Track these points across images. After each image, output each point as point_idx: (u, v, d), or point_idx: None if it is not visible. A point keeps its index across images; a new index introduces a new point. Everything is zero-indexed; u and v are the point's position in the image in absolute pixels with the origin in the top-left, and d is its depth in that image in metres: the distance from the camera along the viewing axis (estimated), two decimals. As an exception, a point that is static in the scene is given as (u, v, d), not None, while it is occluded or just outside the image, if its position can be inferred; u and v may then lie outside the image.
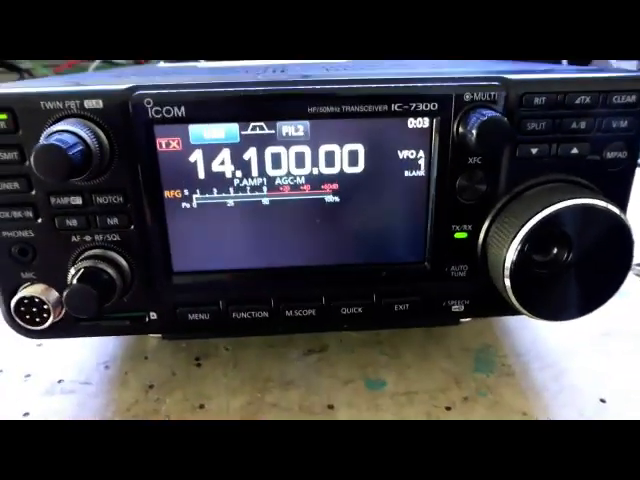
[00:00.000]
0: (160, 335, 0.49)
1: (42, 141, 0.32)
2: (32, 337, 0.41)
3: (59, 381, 0.47)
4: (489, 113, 0.35)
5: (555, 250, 0.38)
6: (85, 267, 0.36)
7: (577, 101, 0.37)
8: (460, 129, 0.37)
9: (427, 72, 0.38)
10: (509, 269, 0.38)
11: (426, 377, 0.48)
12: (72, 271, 0.37)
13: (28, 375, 0.48)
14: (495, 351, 0.51)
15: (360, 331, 0.52)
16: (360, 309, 0.42)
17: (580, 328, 0.53)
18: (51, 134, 0.33)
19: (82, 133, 0.34)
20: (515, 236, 0.37)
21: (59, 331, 0.40)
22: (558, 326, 0.53)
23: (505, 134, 0.35)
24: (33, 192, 0.37)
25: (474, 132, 0.35)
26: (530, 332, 0.54)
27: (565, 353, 0.51)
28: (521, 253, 0.37)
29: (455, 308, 0.43)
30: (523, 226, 0.37)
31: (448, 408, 0.45)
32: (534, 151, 0.38)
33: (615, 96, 0.37)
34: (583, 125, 0.38)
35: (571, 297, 0.38)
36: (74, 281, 0.35)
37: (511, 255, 0.37)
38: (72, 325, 0.40)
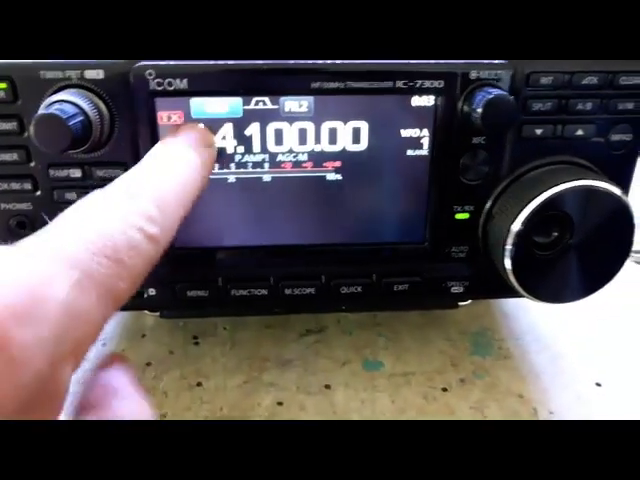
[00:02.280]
0: (158, 314, 0.48)
1: (41, 110, 0.32)
2: (29, 311, 0.41)
3: (56, 357, 0.47)
4: (495, 91, 0.35)
5: (556, 232, 0.38)
6: (84, 240, 0.36)
7: (584, 81, 0.37)
8: (465, 108, 0.37)
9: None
10: (510, 250, 0.37)
11: (423, 359, 0.48)
12: (71, 244, 0.36)
13: (25, 351, 0.48)
14: (492, 334, 0.51)
15: (359, 313, 0.52)
16: (360, 288, 0.42)
17: (578, 313, 0.53)
18: (51, 104, 0.33)
19: (82, 103, 0.33)
20: (516, 217, 0.37)
21: (57, 305, 0.40)
22: (556, 311, 0.54)
23: (510, 113, 0.35)
24: (32, 164, 0.36)
25: (479, 110, 0.35)
26: (528, 316, 0.54)
27: (562, 337, 0.51)
28: (522, 234, 0.37)
29: (455, 289, 0.43)
30: (525, 207, 0.37)
31: (445, 389, 0.45)
32: (539, 132, 0.38)
33: (622, 77, 0.37)
34: (589, 106, 0.37)
35: (571, 279, 0.38)
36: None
37: (512, 236, 0.37)
38: (70, 300, 0.40)
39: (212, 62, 0.35)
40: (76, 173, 0.36)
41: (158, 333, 0.51)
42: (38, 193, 0.37)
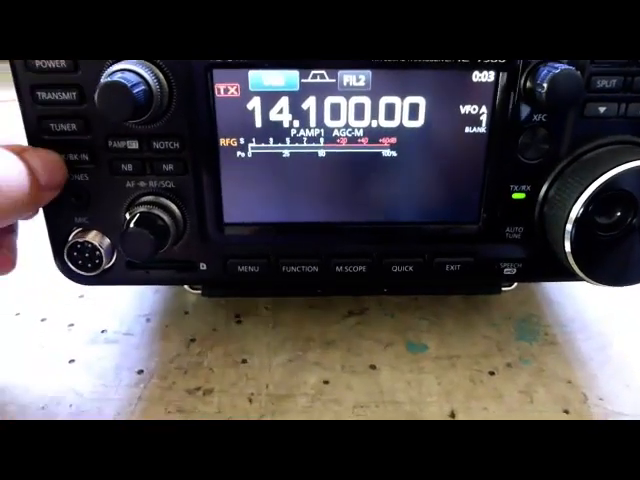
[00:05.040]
0: (200, 292, 0.48)
1: (106, 78, 0.32)
2: (82, 283, 0.41)
3: (102, 331, 0.48)
4: (561, 66, 0.34)
5: (619, 213, 0.37)
6: (141, 212, 0.36)
7: (651, 58, 0.36)
8: (528, 83, 0.36)
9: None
10: (570, 232, 0.37)
11: (467, 343, 0.48)
12: (127, 216, 0.37)
13: (72, 324, 0.48)
14: (538, 320, 0.51)
15: (400, 296, 0.52)
16: (411, 267, 0.41)
17: (625, 301, 0.52)
18: (113, 72, 0.32)
19: (144, 73, 0.33)
20: (578, 197, 0.36)
21: (109, 278, 0.40)
22: (603, 297, 0.53)
23: (578, 88, 0.34)
24: (90, 135, 0.36)
25: (545, 86, 0.34)
26: (574, 302, 0.53)
27: (610, 325, 0.50)
28: (584, 215, 0.36)
29: (507, 271, 0.42)
30: (587, 187, 0.36)
31: (492, 373, 0.44)
32: (602, 110, 0.37)
33: (692, 54, 0.36)
34: (655, 84, 0.36)
35: (635, 261, 0.37)
36: (131, 225, 0.35)
37: (573, 217, 0.36)
38: (122, 273, 0.40)
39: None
40: (133, 144, 0.36)
41: (201, 311, 0.51)
42: (95, 164, 0.37)
